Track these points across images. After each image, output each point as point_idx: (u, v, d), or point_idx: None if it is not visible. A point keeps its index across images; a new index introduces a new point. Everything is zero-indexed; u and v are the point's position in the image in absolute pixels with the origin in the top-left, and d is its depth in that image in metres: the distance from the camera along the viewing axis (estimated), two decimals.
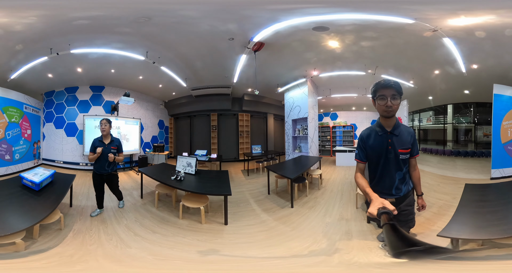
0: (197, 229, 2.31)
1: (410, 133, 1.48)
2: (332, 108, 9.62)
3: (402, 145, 1.43)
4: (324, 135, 10.15)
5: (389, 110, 1.32)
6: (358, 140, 1.57)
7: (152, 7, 2.54)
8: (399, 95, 1.31)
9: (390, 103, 1.30)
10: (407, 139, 1.44)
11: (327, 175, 4.97)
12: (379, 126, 1.46)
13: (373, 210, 0.97)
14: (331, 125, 10.00)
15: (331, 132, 9.93)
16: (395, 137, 1.42)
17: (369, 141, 1.47)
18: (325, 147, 9.77)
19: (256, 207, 2.96)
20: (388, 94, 1.30)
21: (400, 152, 1.42)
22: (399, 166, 1.45)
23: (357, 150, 1.53)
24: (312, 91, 5.65)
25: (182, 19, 2.86)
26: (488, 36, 2.91)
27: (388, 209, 0.94)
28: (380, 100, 1.32)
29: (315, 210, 2.81)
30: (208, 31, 3.07)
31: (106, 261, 1.77)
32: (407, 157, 1.45)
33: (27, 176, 2.45)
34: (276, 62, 4.36)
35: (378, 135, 1.45)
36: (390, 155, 1.43)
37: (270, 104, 7.78)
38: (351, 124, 9.69)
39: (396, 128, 1.43)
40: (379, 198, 1.07)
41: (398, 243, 0.72)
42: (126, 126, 6.18)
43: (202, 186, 2.81)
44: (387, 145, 1.42)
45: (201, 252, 1.88)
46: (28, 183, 2.42)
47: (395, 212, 0.94)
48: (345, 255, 1.77)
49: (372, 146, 1.46)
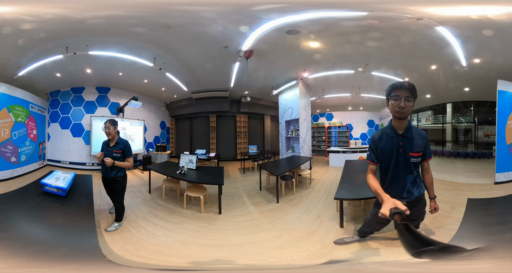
0: (197, 217, 2.82)
1: (423, 136, 1.44)
2: (329, 108, 9.57)
3: (414, 148, 1.40)
4: (320, 135, 10.15)
5: (401, 111, 1.31)
6: (369, 142, 1.56)
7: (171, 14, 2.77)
8: (413, 98, 1.31)
9: (404, 104, 1.29)
10: (419, 142, 1.41)
11: (318, 175, 5.16)
12: (391, 128, 1.44)
13: (385, 210, 0.97)
14: (326, 126, 9.98)
15: (326, 132, 9.91)
16: (407, 140, 1.40)
17: (381, 143, 1.46)
18: (320, 147, 9.80)
19: (247, 200, 3.42)
20: (402, 95, 1.30)
21: (411, 155, 1.40)
22: (410, 169, 1.43)
23: (369, 151, 1.53)
24: (304, 92, 5.84)
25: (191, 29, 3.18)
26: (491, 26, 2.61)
27: (400, 210, 0.93)
28: (394, 100, 1.33)
29: (297, 208, 3.12)
30: (207, 40, 3.48)
31: (166, 249, 2.06)
32: (419, 160, 1.43)
33: (49, 182, 2.40)
34: (268, 66, 4.68)
35: (390, 137, 1.43)
36: (400, 158, 1.41)
37: (267, 105, 8.04)
38: (346, 125, 9.53)
39: (408, 130, 1.41)
40: (390, 198, 1.07)
41: (413, 242, 0.73)
42: (131, 127, 6.51)
43: (201, 178, 3.35)
44: (398, 148, 1.41)
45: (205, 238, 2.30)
46: (53, 189, 2.36)
47: (407, 212, 0.94)
48: (285, 250, 2.02)
49: (383, 148, 1.44)
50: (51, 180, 2.48)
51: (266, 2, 2.48)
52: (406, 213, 0.92)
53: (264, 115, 8.76)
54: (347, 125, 9.68)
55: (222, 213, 2.87)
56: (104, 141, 2.75)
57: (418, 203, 1.49)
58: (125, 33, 3.33)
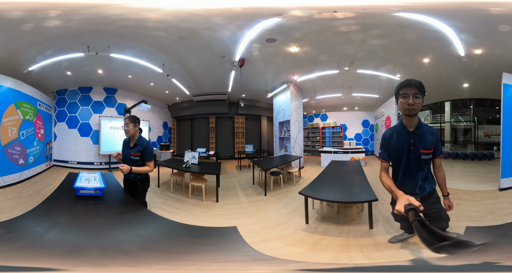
0: (200, 205, 3.42)
1: (433, 133, 1.47)
2: (324, 109, 9.73)
3: (425, 146, 1.42)
4: (314, 136, 10.32)
5: (411, 109, 1.34)
6: (381, 140, 1.60)
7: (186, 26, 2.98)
8: (421, 94, 1.33)
9: (412, 101, 1.32)
10: (429, 139, 1.44)
11: (308, 174, 5.43)
12: (401, 126, 1.46)
13: (400, 207, 0.99)
14: (320, 126, 10.18)
15: (320, 133, 10.10)
16: (418, 137, 1.43)
17: (392, 141, 1.49)
18: (315, 147, 9.95)
19: (240, 192, 4.03)
20: (410, 92, 1.32)
21: (422, 152, 1.42)
22: (421, 166, 1.46)
23: (381, 149, 1.57)
24: (295, 95, 6.14)
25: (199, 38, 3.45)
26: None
27: (415, 205, 0.95)
28: (402, 98, 1.35)
29: (280, 201, 3.55)
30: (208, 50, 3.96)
31: None
32: (430, 157, 1.45)
33: (84, 185, 2.18)
34: (260, 72, 5.10)
35: (400, 135, 1.46)
36: (412, 155, 1.44)
37: (264, 107, 8.42)
38: (340, 125, 9.61)
39: (418, 128, 1.43)
40: (404, 195, 1.09)
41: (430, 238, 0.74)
42: None
43: (203, 170, 4.05)
44: (409, 145, 1.43)
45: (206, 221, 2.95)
46: (90, 191, 2.17)
47: (421, 207, 0.96)
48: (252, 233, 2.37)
49: (394, 146, 1.47)
50: (84, 183, 2.27)
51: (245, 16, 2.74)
52: (420, 209, 0.94)
53: (260, 116, 9.15)
54: (341, 126, 9.79)
55: (219, 201, 3.49)
56: (125, 140, 2.45)
57: (431, 197, 1.52)
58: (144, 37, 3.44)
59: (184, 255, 1.56)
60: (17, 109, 4.07)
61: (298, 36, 3.26)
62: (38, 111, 4.91)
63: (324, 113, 10.31)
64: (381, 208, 2.63)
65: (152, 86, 6.41)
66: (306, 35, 3.26)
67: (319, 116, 10.49)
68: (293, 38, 3.38)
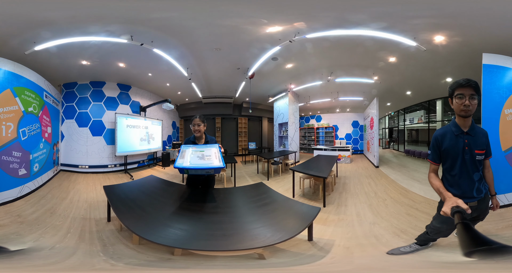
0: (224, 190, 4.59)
1: (485, 134, 1.49)
2: (319, 111, 10.95)
3: (478, 146, 1.43)
4: (310, 135, 11.59)
5: (466, 110, 1.34)
6: (432, 141, 1.56)
7: (224, 40, 3.48)
8: (477, 95, 1.33)
9: (468, 102, 1.31)
10: (482, 140, 1.45)
11: None
12: (455, 126, 1.46)
13: (447, 209, 1.01)
14: (315, 127, 11.41)
15: (315, 132, 11.34)
16: (472, 138, 1.43)
17: (445, 141, 1.48)
18: (310, 145, 11.16)
19: (249, 179, 4.93)
20: (466, 93, 1.32)
21: (476, 153, 1.43)
22: (476, 167, 1.45)
23: (430, 150, 1.53)
24: (292, 100, 7.13)
25: (228, 53, 3.99)
26: None
27: (462, 208, 0.95)
28: (458, 99, 1.34)
29: (277, 184, 4.45)
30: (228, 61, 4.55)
31: None
32: (482, 158, 1.45)
33: (187, 163, 1.89)
34: (266, 81, 5.99)
35: (454, 135, 1.45)
36: (467, 156, 1.43)
37: (265, 109, 9.57)
38: (332, 126, 10.91)
39: (472, 128, 1.44)
40: (452, 197, 1.11)
41: (470, 242, 0.73)
42: (152, 127, 6.79)
43: None
44: (464, 145, 1.43)
45: None
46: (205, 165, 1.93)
47: (469, 211, 0.96)
48: None
49: (448, 146, 1.46)
50: (183, 159, 2.02)
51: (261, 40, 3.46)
52: (467, 212, 0.94)
53: (262, 118, 10.38)
54: (333, 126, 11.05)
55: (236, 184, 4.54)
56: (189, 139, 2.42)
57: (485, 199, 1.52)
58: (188, 43, 3.49)
59: None
60: (16, 97, 2.81)
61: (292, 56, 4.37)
62: (45, 104, 3.66)
63: (319, 114, 11.58)
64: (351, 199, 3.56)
65: (167, 86, 6.41)
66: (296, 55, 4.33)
67: (315, 117, 11.77)
68: (289, 57, 4.47)
